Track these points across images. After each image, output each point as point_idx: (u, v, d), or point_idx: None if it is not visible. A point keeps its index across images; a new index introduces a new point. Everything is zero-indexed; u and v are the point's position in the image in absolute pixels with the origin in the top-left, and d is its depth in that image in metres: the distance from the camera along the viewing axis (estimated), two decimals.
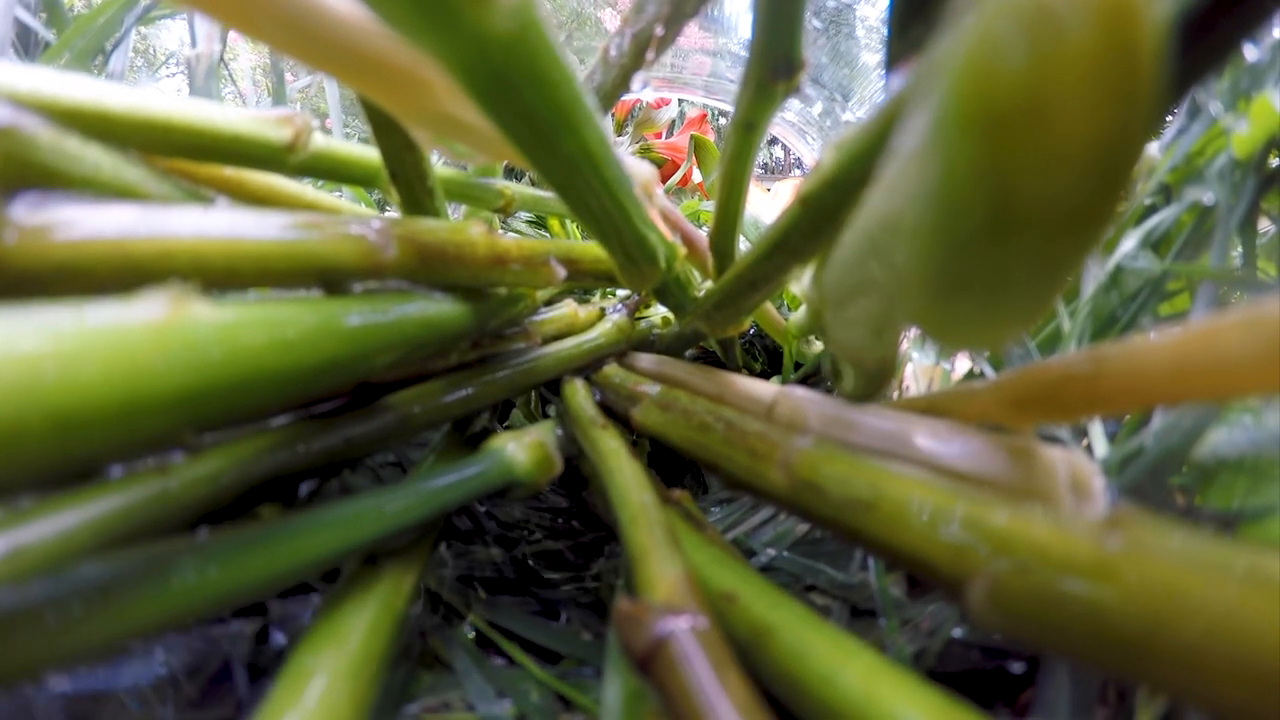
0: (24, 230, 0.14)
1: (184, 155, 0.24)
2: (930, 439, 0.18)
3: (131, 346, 0.11)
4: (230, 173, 0.27)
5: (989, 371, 0.27)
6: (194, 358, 0.12)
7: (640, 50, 0.28)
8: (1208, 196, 0.23)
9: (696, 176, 0.83)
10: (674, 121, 0.96)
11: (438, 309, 0.22)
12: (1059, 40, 0.08)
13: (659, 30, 0.27)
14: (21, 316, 0.10)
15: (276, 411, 0.21)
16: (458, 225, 0.23)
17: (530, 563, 0.31)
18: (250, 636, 0.22)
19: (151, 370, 0.11)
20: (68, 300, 0.11)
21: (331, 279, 0.19)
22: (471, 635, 0.25)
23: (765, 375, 0.48)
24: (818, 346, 0.41)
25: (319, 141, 0.27)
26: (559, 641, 0.25)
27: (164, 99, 0.22)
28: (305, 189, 0.32)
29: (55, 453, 0.10)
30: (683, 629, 0.15)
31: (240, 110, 0.24)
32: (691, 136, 0.67)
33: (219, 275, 0.16)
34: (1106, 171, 0.09)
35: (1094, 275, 0.24)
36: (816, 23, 0.61)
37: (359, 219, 0.20)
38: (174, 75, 0.65)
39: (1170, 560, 0.11)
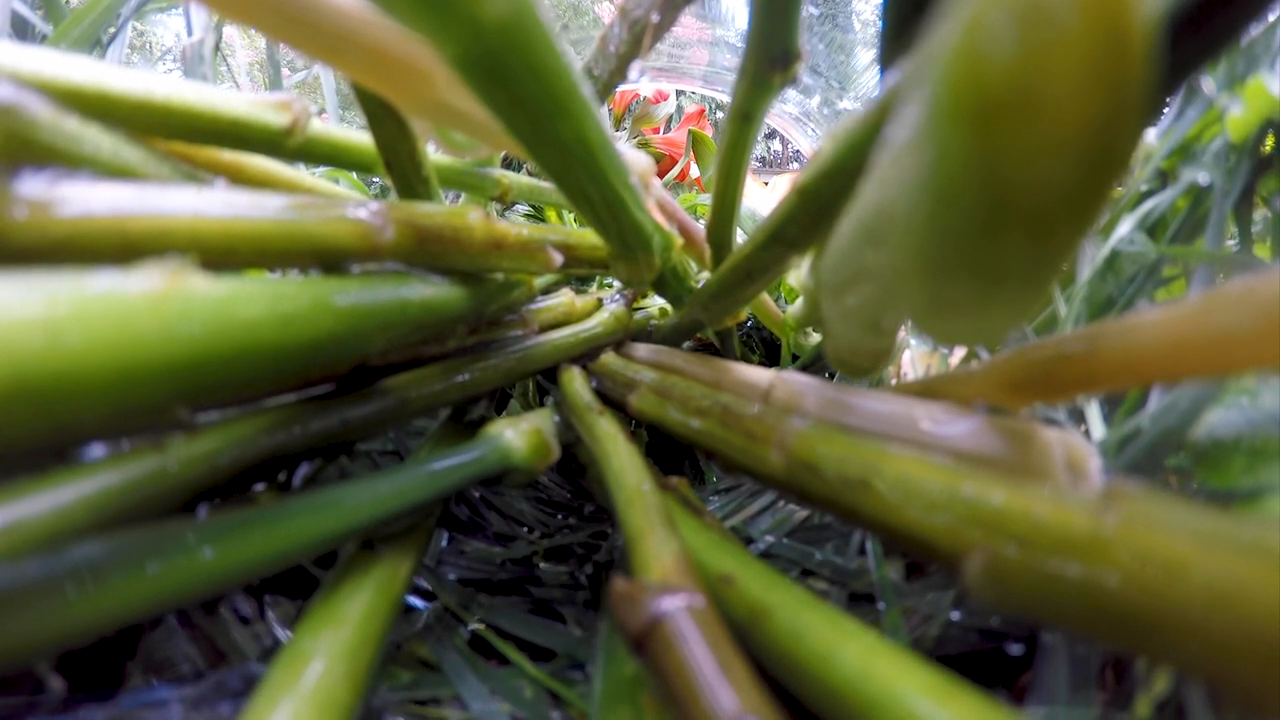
0: (30, 205, 0.14)
1: (183, 138, 0.24)
2: (927, 420, 0.18)
3: (128, 314, 0.11)
4: (229, 157, 0.27)
5: (986, 355, 0.27)
6: (190, 328, 0.12)
7: (637, 38, 0.28)
8: (1202, 177, 0.23)
9: (694, 171, 0.83)
10: (671, 117, 0.96)
11: (434, 292, 0.22)
12: (1049, 30, 0.08)
13: (655, 17, 0.27)
14: (19, 282, 0.10)
15: (273, 390, 0.21)
16: (455, 210, 0.23)
17: (536, 564, 0.31)
18: None
19: (148, 338, 0.11)
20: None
21: (329, 260, 0.19)
22: (466, 635, 0.25)
23: (763, 367, 0.48)
24: (815, 338, 0.41)
25: (316, 127, 0.27)
26: (553, 639, 0.25)
27: (165, 82, 0.22)
28: (303, 175, 0.32)
29: (49, 419, 0.10)
30: (679, 608, 0.15)
31: (239, 94, 0.24)
32: (689, 131, 0.67)
33: (217, 254, 0.16)
34: (1098, 159, 0.09)
35: (1090, 259, 0.24)
36: (813, 9, 0.61)
37: (357, 201, 0.20)
38: (171, 71, 0.65)
39: (1168, 534, 0.11)
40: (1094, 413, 0.21)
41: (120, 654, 0.21)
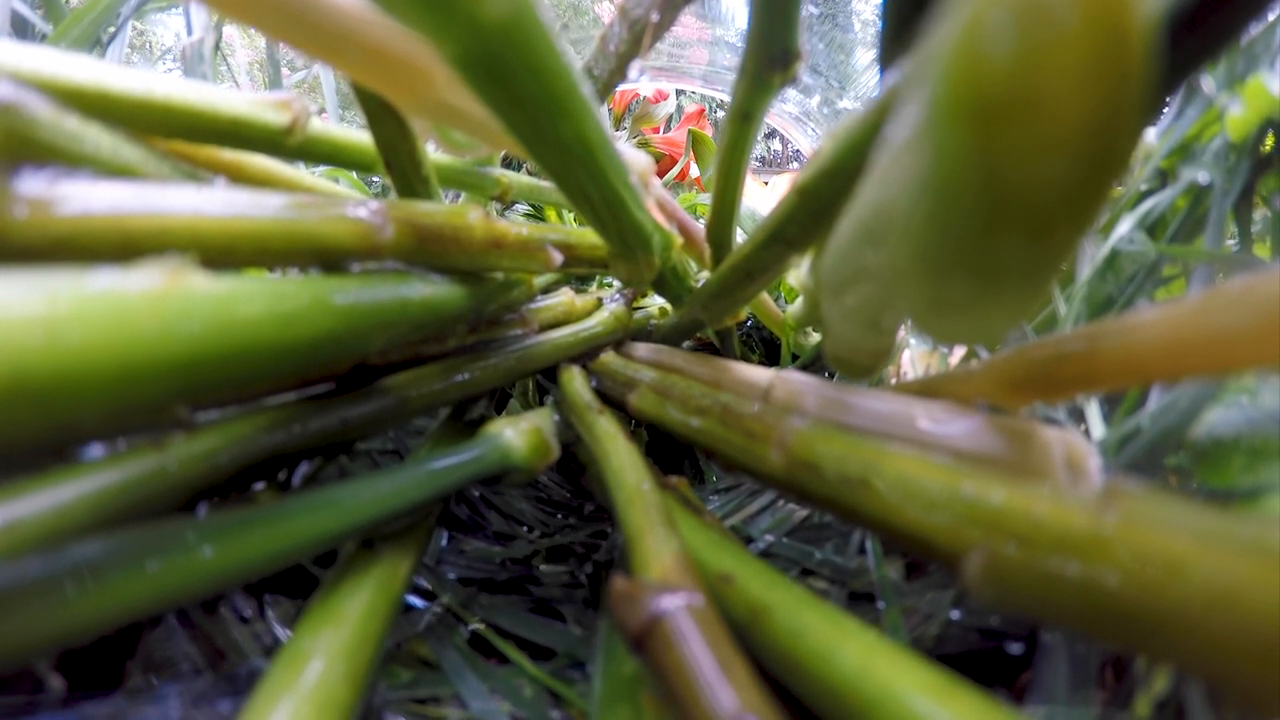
0: (31, 204, 0.14)
1: (183, 137, 0.24)
2: (927, 419, 0.18)
3: (128, 313, 0.11)
4: (229, 156, 0.27)
5: (985, 354, 0.27)
6: (190, 326, 0.12)
7: (637, 38, 0.28)
8: (1202, 176, 0.23)
9: (694, 171, 0.83)
10: (671, 116, 0.96)
11: (434, 290, 0.22)
12: (1049, 29, 0.08)
13: (654, 16, 0.27)
14: (19, 280, 0.10)
15: (273, 389, 0.21)
16: (455, 209, 0.23)
17: (536, 563, 0.31)
18: None
19: (147, 337, 0.11)
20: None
21: (329, 259, 0.19)
22: (466, 634, 0.25)
23: (763, 366, 0.47)
24: (815, 338, 0.41)
25: (316, 126, 0.27)
26: (553, 638, 0.25)
27: (165, 81, 0.22)
28: (303, 174, 0.32)
29: (49, 417, 0.10)
30: (678, 606, 0.15)
31: (239, 93, 0.24)
32: (689, 131, 0.67)
33: (217, 253, 0.16)
34: (1098, 159, 0.09)
35: (1090, 259, 0.24)
36: (813, 9, 0.61)
37: (356, 200, 0.20)
38: (171, 70, 0.65)
39: (1168, 533, 0.11)
40: (1094, 412, 0.21)
41: (120, 653, 0.21)
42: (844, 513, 0.17)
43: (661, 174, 0.85)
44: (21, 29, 0.40)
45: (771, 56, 0.24)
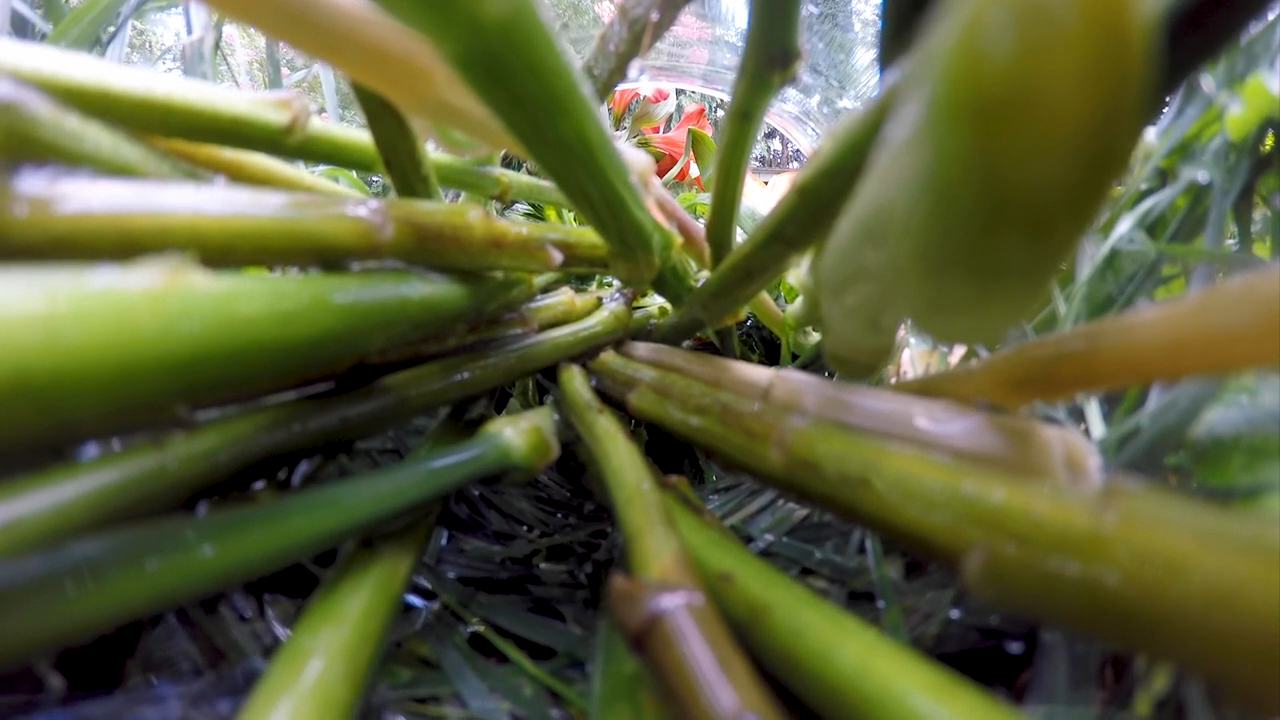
0: (31, 202, 0.14)
1: (184, 136, 0.24)
2: (927, 418, 0.18)
3: (128, 311, 0.11)
4: (229, 155, 0.27)
5: (985, 353, 0.27)
6: (190, 325, 0.12)
7: (637, 37, 0.28)
8: (1202, 175, 0.23)
9: (694, 171, 0.83)
10: (671, 116, 0.96)
11: (434, 289, 0.22)
12: (1049, 29, 0.08)
13: (654, 16, 0.27)
14: (19, 279, 0.10)
15: (273, 387, 0.21)
16: (455, 208, 0.23)
17: (535, 562, 0.31)
18: None
19: (147, 335, 0.11)
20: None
21: (329, 258, 0.19)
22: (466, 633, 0.25)
23: (763, 365, 0.47)
24: (815, 337, 0.41)
25: (316, 125, 0.27)
26: (553, 638, 0.25)
27: (165, 80, 0.22)
28: (303, 173, 0.32)
29: (48, 416, 0.10)
30: (678, 605, 0.15)
31: (240, 92, 0.24)
32: (689, 130, 0.67)
33: (216, 252, 0.16)
34: (1097, 158, 0.09)
35: (1090, 258, 0.24)
36: (813, 8, 0.61)
37: (356, 199, 0.20)
38: (171, 69, 0.65)
39: (1168, 532, 0.11)
40: (1093, 411, 0.21)
41: (120, 652, 0.21)
42: (844, 512, 0.17)
43: (661, 174, 0.85)
44: (21, 28, 0.40)
45: (771, 56, 0.24)
